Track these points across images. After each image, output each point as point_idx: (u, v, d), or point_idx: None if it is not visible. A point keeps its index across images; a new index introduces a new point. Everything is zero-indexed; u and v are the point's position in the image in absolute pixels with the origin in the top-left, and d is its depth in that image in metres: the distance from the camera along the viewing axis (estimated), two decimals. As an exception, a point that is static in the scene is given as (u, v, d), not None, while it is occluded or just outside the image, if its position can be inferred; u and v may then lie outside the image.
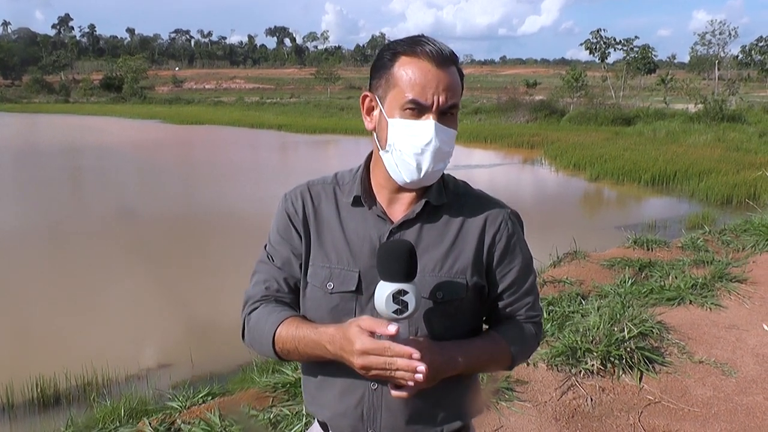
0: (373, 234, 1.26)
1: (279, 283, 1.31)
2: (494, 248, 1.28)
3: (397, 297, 1.11)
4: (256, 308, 1.31)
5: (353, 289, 1.25)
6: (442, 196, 1.28)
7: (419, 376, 1.09)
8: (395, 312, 1.11)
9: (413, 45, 1.19)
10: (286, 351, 1.25)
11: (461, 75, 1.24)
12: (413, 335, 1.20)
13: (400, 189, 1.27)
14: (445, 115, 1.20)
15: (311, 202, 1.32)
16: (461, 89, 1.23)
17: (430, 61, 1.17)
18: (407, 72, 1.18)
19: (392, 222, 1.27)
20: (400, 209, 1.28)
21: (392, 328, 1.09)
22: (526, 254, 1.33)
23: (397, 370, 1.10)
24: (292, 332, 1.23)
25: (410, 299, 1.11)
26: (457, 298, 1.25)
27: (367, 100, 1.27)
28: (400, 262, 1.12)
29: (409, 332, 1.17)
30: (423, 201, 1.26)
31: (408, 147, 1.20)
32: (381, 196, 1.29)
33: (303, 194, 1.33)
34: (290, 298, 1.32)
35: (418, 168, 1.21)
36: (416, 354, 1.09)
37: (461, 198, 1.31)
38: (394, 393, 1.15)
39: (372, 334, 1.11)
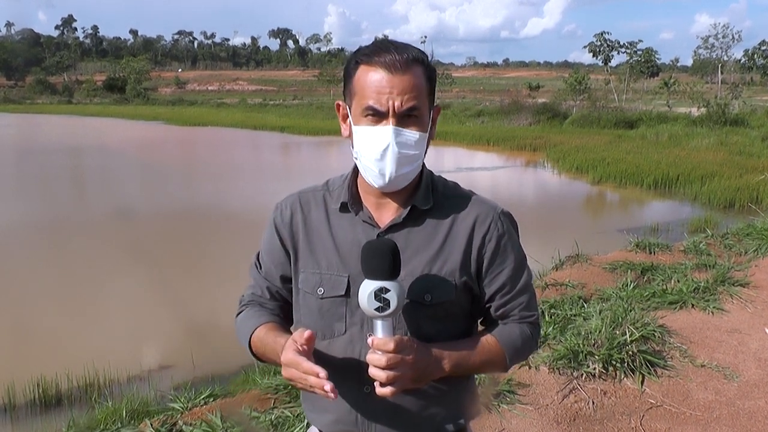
0: (361, 239, 1.26)
1: (263, 290, 1.38)
2: (484, 249, 1.28)
3: (379, 295, 1.12)
4: (243, 311, 1.39)
5: (342, 293, 1.27)
6: (429, 200, 1.28)
7: (331, 395, 1.10)
8: (377, 309, 1.13)
9: (371, 54, 1.20)
10: (258, 354, 1.33)
11: (432, 73, 1.24)
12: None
13: (385, 194, 1.28)
14: (408, 118, 1.20)
15: (300, 211, 1.34)
16: (428, 89, 1.23)
17: (385, 69, 1.18)
18: (365, 80, 1.20)
19: (379, 227, 1.27)
20: (387, 214, 1.29)
21: (305, 334, 1.13)
22: (519, 254, 1.32)
23: (311, 387, 1.12)
24: (262, 337, 1.30)
25: (392, 297, 1.12)
26: (446, 301, 1.26)
27: (341, 108, 1.29)
28: (382, 259, 1.13)
29: (395, 333, 1.17)
30: (410, 206, 1.27)
31: (369, 153, 1.21)
32: (368, 201, 1.30)
33: (293, 204, 1.35)
34: (272, 304, 1.38)
35: (381, 173, 1.21)
36: (323, 374, 1.10)
37: (450, 200, 1.31)
38: (379, 391, 1.15)
39: (301, 347, 1.13)
